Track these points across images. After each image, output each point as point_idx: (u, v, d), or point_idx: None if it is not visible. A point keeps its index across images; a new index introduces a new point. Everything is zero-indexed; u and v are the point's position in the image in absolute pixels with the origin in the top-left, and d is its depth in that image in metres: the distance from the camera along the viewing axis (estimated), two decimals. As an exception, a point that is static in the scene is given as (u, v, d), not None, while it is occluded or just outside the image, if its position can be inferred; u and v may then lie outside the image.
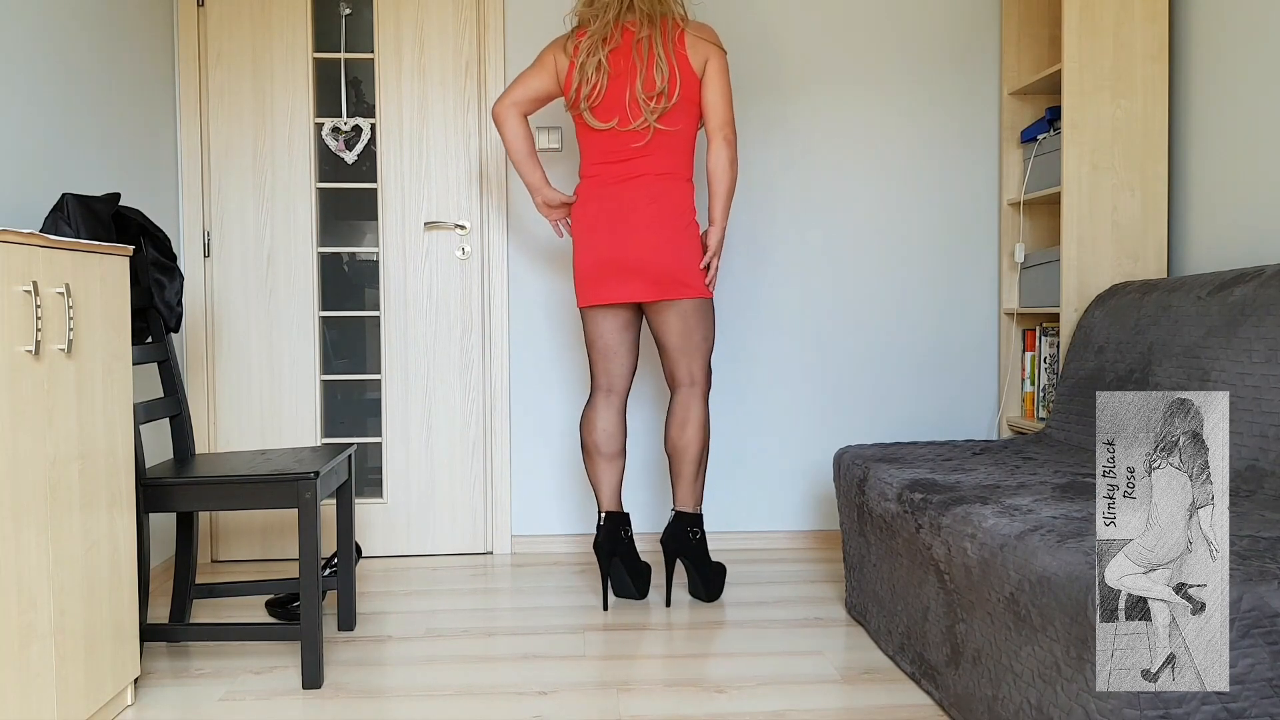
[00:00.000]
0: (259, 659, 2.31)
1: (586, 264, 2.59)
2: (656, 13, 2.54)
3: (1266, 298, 2.06)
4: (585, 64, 2.54)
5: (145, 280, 2.35)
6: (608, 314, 2.63)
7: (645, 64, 2.53)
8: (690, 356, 2.63)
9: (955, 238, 3.33)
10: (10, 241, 1.57)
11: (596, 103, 2.56)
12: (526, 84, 2.60)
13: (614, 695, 2.07)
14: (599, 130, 2.58)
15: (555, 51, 2.60)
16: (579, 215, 2.61)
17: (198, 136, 3.15)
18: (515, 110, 2.59)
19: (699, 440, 2.64)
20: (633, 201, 2.55)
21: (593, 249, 2.57)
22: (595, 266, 2.57)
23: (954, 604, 1.87)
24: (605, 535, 2.65)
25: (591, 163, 2.61)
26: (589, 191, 2.60)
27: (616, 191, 2.57)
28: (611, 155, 2.59)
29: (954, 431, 3.34)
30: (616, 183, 2.58)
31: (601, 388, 2.67)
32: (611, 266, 2.56)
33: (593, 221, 2.58)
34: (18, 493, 1.58)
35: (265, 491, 2.14)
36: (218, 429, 3.22)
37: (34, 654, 1.63)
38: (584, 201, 2.60)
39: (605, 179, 2.59)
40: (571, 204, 2.65)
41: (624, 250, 2.54)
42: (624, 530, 2.69)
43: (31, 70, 2.25)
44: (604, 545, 2.65)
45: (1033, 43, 3.20)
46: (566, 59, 2.58)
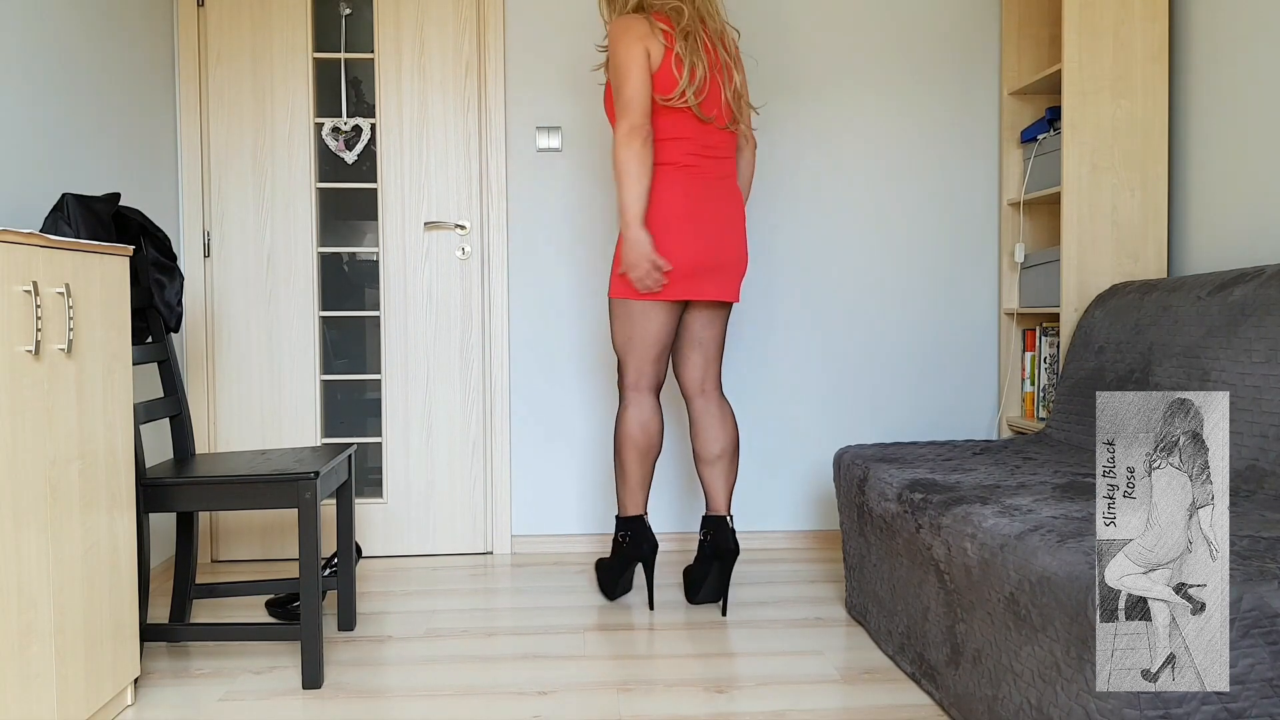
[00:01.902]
0: (259, 659, 2.31)
1: (686, 257, 2.44)
2: (714, 8, 2.52)
3: (1266, 298, 2.06)
4: (690, 54, 2.41)
5: (145, 280, 2.35)
6: (673, 311, 2.52)
7: (730, 62, 2.51)
8: (721, 358, 2.68)
9: (955, 238, 3.33)
10: (10, 241, 1.57)
11: (704, 96, 2.46)
12: (643, 96, 2.38)
13: (614, 695, 2.07)
14: (703, 122, 2.48)
15: (644, 41, 2.38)
16: (673, 202, 2.44)
17: (198, 136, 3.15)
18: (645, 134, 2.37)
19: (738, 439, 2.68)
20: (731, 200, 2.52)
21: (694, 242, 2.44)
22: (694, 261, 2.45)
23: (954, 604, 1.87)
24: (647, 537, 2.61)
25: (688, 152, 2.47)
26: (686, 181, 2.46)
27: (718, 188, 2.50)
28: (710, 150, 2.49)
29: (954, 431, 3.34)
30: (717, 180, 2.50)
31: (649, 387, 2.56)
32: (712, 264, 2.47)
33: (695, 213, 2.45)
34: (18, 493, 1.58)
35: (265, 491, 2.14)
36: (218, 429, 3.22)
37: (34, 654, 1.63)
38: (681, 190, 2.45)
39: (707, 175, 2.49)
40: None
41: (725, 249, 2.50)
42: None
43: (31, 70, 2.25)
44: (647, 546, 2.61)
45: (1033, 43, 3.20)
46: (661, 47, 2.40)
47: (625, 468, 2.59)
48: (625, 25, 2.40)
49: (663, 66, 2.40)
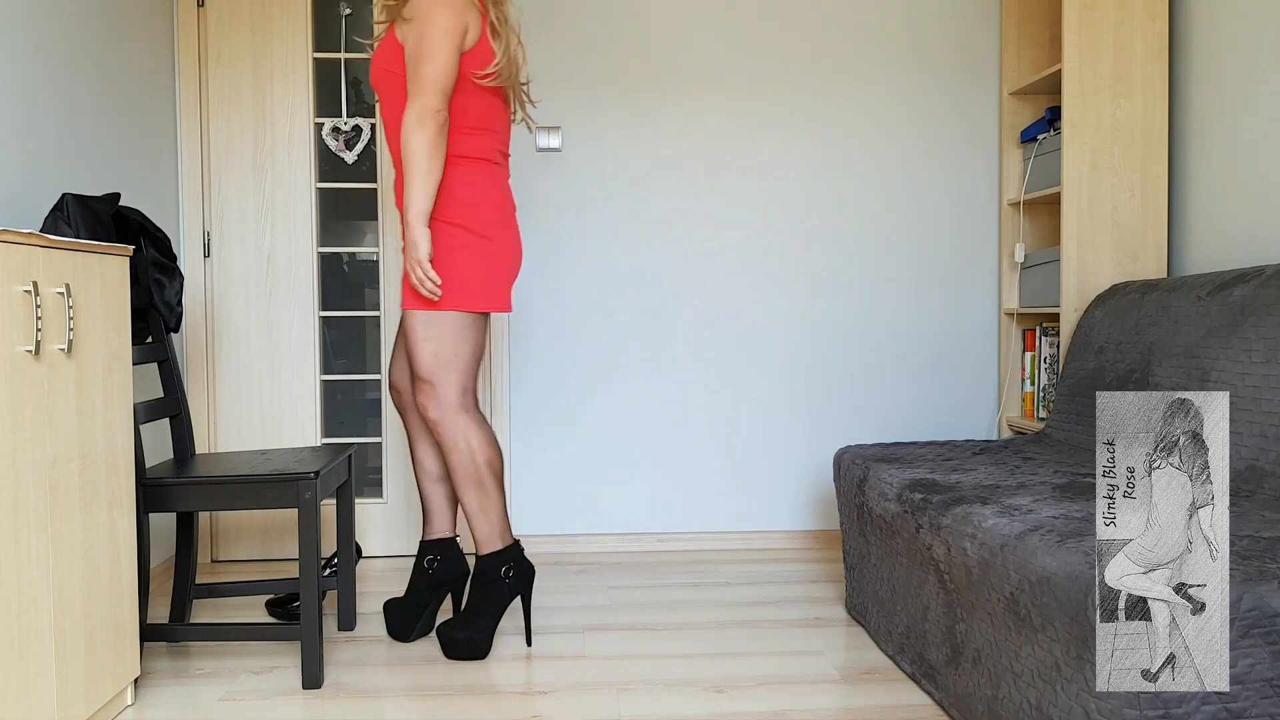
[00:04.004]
0: (259, 659, 2.31)
1: (509, 264, 2.26)
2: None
3: (1266, 298, 2.06)
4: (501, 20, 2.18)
5: (145, 280, 2.35)
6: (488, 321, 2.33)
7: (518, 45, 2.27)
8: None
9: (955, 238, 3.33)
10: (10, 241, 1.57)
11: (513, 82, 2.25)
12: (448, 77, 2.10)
13: (614, 695, 2.07)
14: (508, 110, 2.26)
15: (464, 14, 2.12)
16: (497, 204, 2.23)
17: (198, 136, 3.15)
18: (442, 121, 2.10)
19: None
20: (514, 204, 2.34)
21: (513, 250, 2.28)
22: (514, 268, 2.28)
23: (954, 604, 1.87)
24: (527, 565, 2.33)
25: (498, 149, 2.27)
26: (500, 181, 2.26)
27: (508, 191, 2.31)
28: (507, 146, 2.31)
29: (954, 431, 3.34)
30: (508, 179, 2.32)
31: (476, 403, 2.30)
32: (517, 271, 2.32)
33: (509, 218, 2.27)
34: (18, 493, 1.58)
35: (265, 491, 2.14)
36: (218, 429, 3.22)
37: (34, 654, 1.63)
38: (500, 191, 2.25)
39: (505, 174, 2.30)
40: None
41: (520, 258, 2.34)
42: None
43: (32, 70, 2.25)
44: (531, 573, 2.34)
45: (1033, 43, 3.20)
46: (478, 17, 2.16)
47: (494, 491, 2.28)
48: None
49: (480, 40, 2.16)
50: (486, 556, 2.28)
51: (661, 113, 3.25)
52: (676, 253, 3.27)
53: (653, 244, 3.26)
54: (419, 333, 2.20)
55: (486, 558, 2.28)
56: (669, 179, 3.26)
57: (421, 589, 2.39)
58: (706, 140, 3.26)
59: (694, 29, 3.25)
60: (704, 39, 3.25)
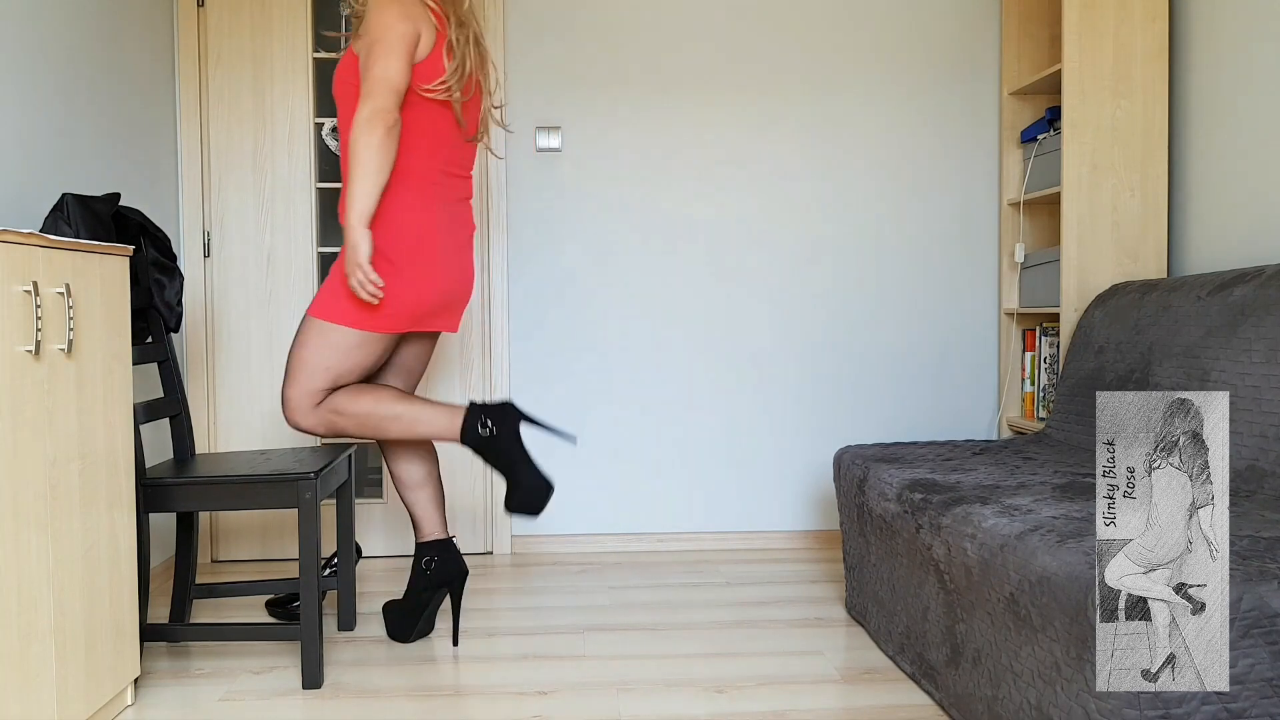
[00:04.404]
0: (259, 659, 2.31)
1: (432, 296, 2.18)
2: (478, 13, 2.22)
3: (1266, 298, 2.06)
4: (462, 45, 2.15)
5: (145, 280, 2.35)
6: (394, 341, 2.25)
7: (489, 70, 2.27)
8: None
9: (955, 238, 3.33)
10: (10, 241, 1.57)
11: (469, 97, 2.21)
12: (400, 79, 2.07)
13: (614, 695, 2.07)
14: (460, 128, 2.22)
15: (416, 21, 2.09)
16: (415, 232, 2.15)
17: (198, 136, 3.15)
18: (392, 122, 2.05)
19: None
20: (467, 226, 2.28)
21: (443, 280, 2.19)
22: (439, 299, 2.20)
23: (954, 604, 1.87)
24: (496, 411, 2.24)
25: (440, 169, 2.20)
26: (438, 205, 2.20)
27: (458, 213, 2.25)
28: (457, 166, 2.24)
29: (954, 431, 3.34)
30: (456, 202, 2.25)
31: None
32: (450, 300, 2.24)
33: (444, 245, 2.19)
34: (18, 493, 1.58)
35: (265, 491, 2.14)
36: (218, 429, 3.22)
37: (34, 654, 1.63)
38: (434, 216, 2.18)
39: (448, 196, 2.22)
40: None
41: (463, 283, 2.26)
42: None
43: (32, 70, 2.25)
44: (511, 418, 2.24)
45: (1033, 43, 3.20)
46: (433, 30, 2.13)
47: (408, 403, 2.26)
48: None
49: (433, 53, 2.13)
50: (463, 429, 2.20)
51: (662, 112, 3.25)
52: (676, 252, 3.27)
53: (653, 243, 3.27)
54: (309, 338, 2.18)
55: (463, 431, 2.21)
56: (669, 178, 3.26)
57: (420, 590, 2.39)
58: (706, 140, 3.26)
59: (694, 29, 3.25)
60: (704, 39, 3.25)
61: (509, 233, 3.24)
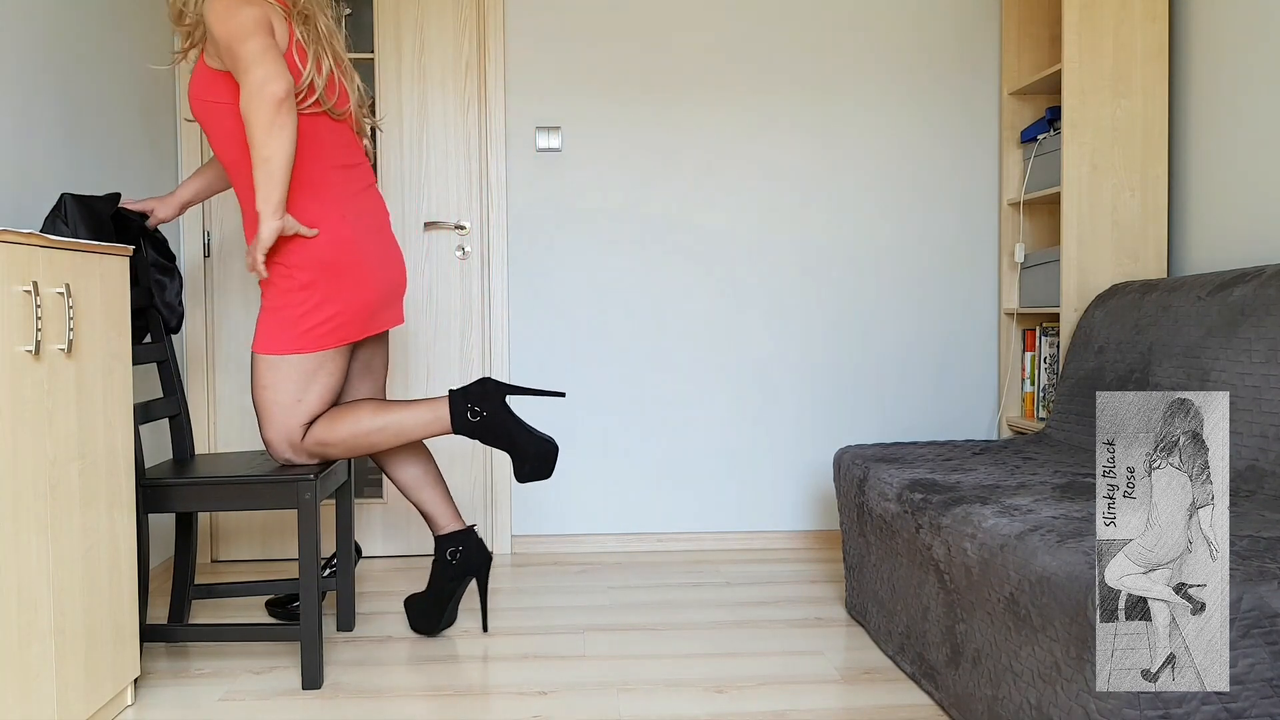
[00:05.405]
0: (259, 659, 2.31)
1: (374, 294, 2.18)
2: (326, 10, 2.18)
3: (1266, 298, 2.06)
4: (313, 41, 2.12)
5: (145, 280, 2.35)
6: (351, 350, 2.23)
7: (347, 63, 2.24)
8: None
9: (955, 237, 3.33)
10: (10, 241, 1.57)
11: (336, 94, 2.18)
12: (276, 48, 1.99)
13: (614, 695, 2.07)
14: (336, 120, 2.17)
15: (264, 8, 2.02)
16: (346, 234, 2.12)
17: (198, 136, 3.15)
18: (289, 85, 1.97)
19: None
20: (383, 211, 2.24)
21: (379, 273, 2.18)
22: (380, 296, 2.19)
23: (954, 604, 1.87)
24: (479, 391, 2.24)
25: (328, 168, 2.15)
26: (342, 202, 2.15)
27: (368, 201, 2.21)
28: (348, 157, 2.19)
29: (954, 431, 3.34)
30: (363, 191, 2.21)
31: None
32: (393, 291, 2.23)
33: (363, 240, 2.16)
34: (18, 493, 1.58)
35: (265, 492, 2.14)
36: (218, 429, 3.22)
37: (34, 654, 1.63)
38: (346, 215, 2.14)
39: (352, 187, 2.18)
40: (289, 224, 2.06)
41: (397, 271, 2.25)
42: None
43: (31, 70, 2.25)
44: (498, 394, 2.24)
45: (1033, 43, 3.20)
46: (284, 23, 2.07)
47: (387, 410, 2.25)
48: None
49: (287, 51, 2.07)
50: (452, 420, 2.21)
51: (662, 112, 3.25)
52: (677, 251, 3.27)
53: (653, 242, 3.27)
54: (266, 378, 2.16)
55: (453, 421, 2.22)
56: (669, 178, 3.26)
57: (446, 580, 2.39)
58: (706, 139, 3.26)
59: (694, 29, 3.25)
60: (704, 39, 3.25)
61: (508, 233, 3.24)
